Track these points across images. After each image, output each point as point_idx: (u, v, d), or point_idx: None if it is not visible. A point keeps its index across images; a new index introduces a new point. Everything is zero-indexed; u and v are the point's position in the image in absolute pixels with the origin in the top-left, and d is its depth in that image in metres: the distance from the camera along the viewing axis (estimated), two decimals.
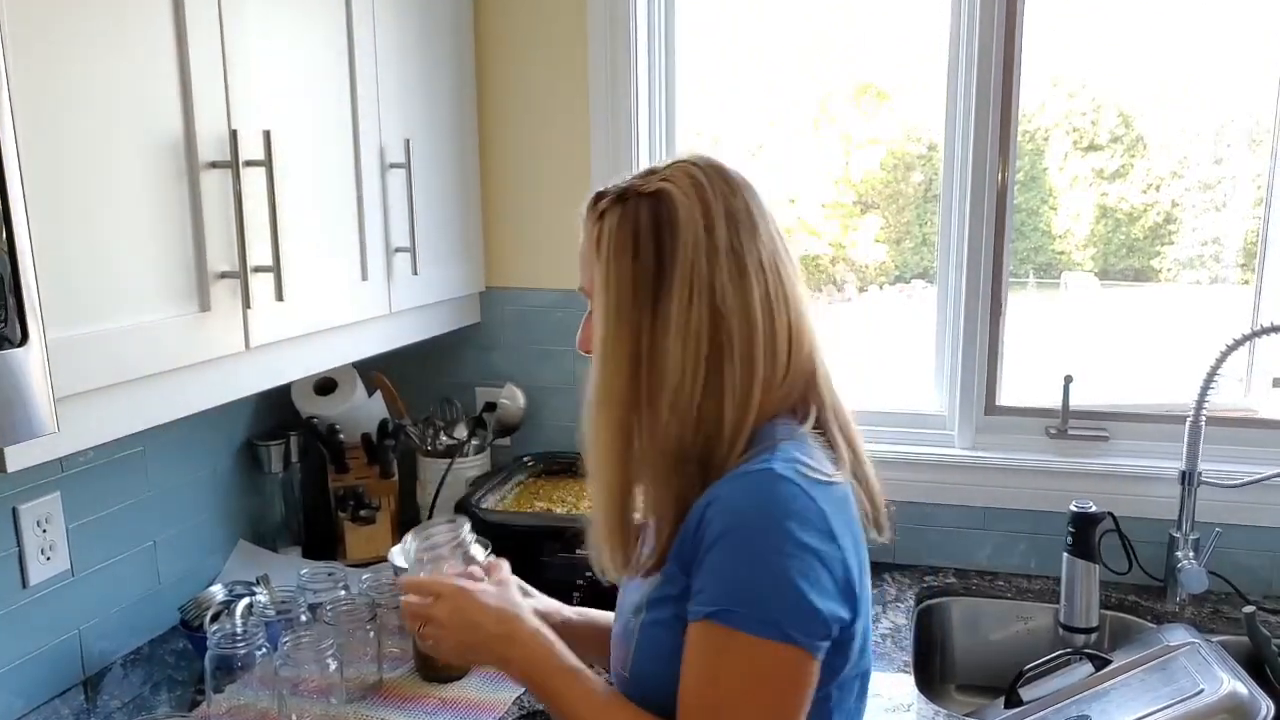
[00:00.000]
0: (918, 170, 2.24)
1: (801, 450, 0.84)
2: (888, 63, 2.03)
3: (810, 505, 0.80)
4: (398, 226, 1.58)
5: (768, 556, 0.79)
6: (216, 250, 1.18)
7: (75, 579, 1.40)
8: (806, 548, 0.78)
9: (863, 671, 0.91)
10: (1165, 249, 2.04)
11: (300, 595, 1.45)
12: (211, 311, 1.19)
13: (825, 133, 2.35)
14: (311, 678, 1.29)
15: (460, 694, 1.37)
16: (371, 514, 1.81)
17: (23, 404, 0.87)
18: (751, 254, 0.87)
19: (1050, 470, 1.74)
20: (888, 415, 1.89)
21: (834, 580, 0.80)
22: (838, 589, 0.80)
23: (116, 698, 1.38)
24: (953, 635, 1.76)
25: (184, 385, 1.18)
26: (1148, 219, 2.04)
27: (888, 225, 2.42)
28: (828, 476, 0.83)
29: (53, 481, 1.36)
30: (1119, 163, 2.11)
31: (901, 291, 2.54)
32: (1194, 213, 1.98)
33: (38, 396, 0.88)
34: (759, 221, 0.89)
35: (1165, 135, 1.99)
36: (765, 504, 0.80)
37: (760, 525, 0.80)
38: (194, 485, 1.65)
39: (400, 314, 1.63)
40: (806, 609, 0.78)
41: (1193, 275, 2.00)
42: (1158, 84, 1.99)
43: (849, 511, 0.84)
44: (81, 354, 0.99)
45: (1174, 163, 2.00)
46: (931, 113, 1.88)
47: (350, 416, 1.84)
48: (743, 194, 0.90)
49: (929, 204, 2.14)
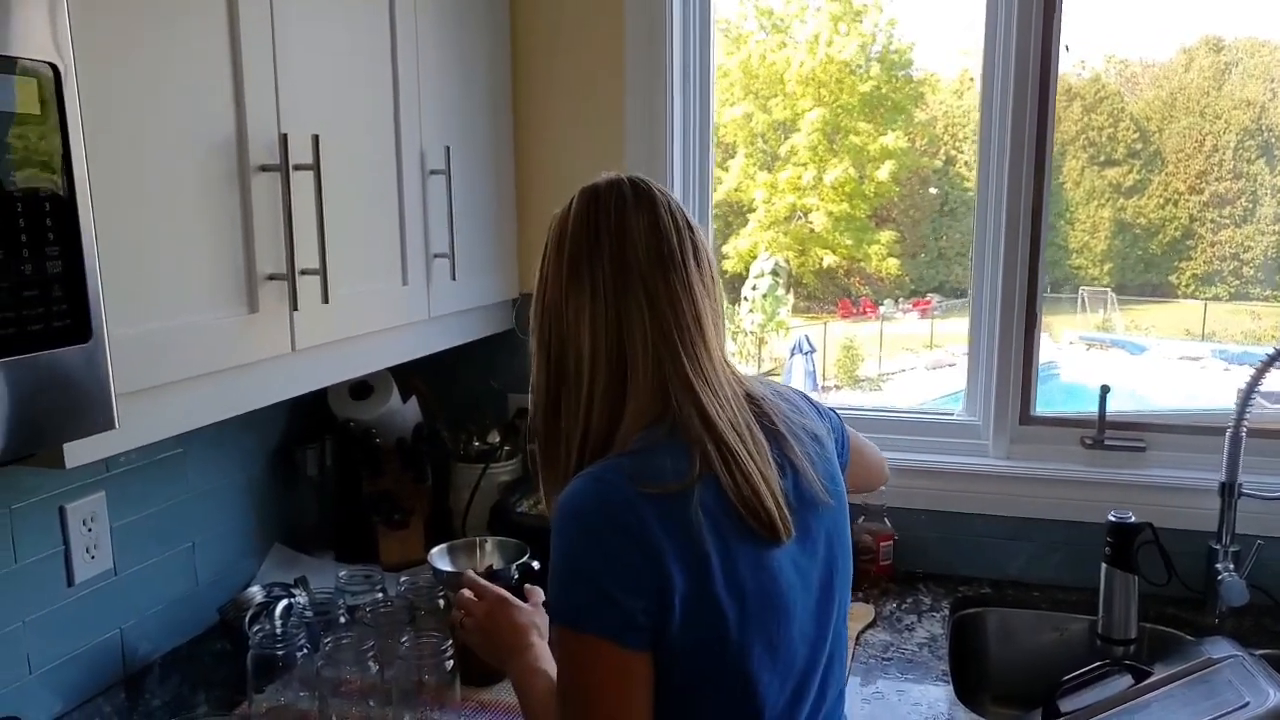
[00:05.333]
0: (933, 184, 2.25)
1: (638, 460, 0.89)
2: (916, 67, 2.04)
3: (618, 505, 0.85)
4: (437, 232, 1.60)
5: (571, 552, 0.87)
6: (265, 253, 1.20)
7: (117, 578, 1.41)
8: (605, 542, 0.85)
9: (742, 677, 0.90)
10: (1184, 264, 2.04)
11: (339, 597, 1.46)
12: (259, 313, 1.20)
13: (839, 144, 2.37)
14: (352, 679, 1.29)
15: (498, 698, 1.38)
16: (405, 519, 1.82)
17: (86, 400, 0.89)
18: (589, 274, 0.93)
19: (1086, 481, 1.73)
20: (920, 424, 1.88)
21: (638, 575, 0.84)
22: (644, 584, 0.84)
23: (157, 697, 1.39)
24: (988, 646, 1.75)
25: (233, 386, 1.19)
26: (1166, 234, 2.04)
27: (903, 240, 2.43)
28: (653, 486, 0.86)
29: (98, 481, 1.37)
30: (1136, 177, 2.10)
31: (916, 307, 2.56)
32: (1213, 228, 1.98)
33: (101, 393, 0.90)
34: (605, 245, 0.94)
35: (1183, 149, 2.00)
36: (576, 504, 0.88)
37: (568, 522, 0.87)
38: (231, 488, 1.67)
39: (438, 319, 1.64)
40: (603, 600, 0.84)
41: (1212, 290, 2.00)
42: (1174, 95, 2.00)
43: (677, 516, 0.86)
44: (136, 353, 1.01)
45: (1192, 177, 2.01)
46: (950, 124, 1.88)
47: (385, 421, 1.85)
48: (600, 217, 0.95)
49: (944, 218, 2.14)
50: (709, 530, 0.87)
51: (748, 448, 0.93)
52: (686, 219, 0.98)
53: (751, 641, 0.90)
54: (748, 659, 0.90)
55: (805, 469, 0.98)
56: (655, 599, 0.85)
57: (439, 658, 1.28)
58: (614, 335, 0.93)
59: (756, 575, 0.90)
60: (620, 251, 0.93)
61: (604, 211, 0.95)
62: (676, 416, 0.91)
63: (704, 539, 0.86)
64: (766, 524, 0.91)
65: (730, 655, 0.89)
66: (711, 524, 0.87)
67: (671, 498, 0.86)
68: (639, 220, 0.94)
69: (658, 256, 0.94)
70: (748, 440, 0.94)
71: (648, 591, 0.85)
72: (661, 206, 0.96)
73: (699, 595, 0.86)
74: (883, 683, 1.45)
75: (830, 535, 1.01)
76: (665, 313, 0.93)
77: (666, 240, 0.94)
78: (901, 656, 1.53)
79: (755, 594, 0.90)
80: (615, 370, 0.93)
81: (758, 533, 0.90)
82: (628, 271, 0.93)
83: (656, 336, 0.93)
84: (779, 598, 0.93)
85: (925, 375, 9.91)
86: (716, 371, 0.95)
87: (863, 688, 1.43)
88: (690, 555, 0.86)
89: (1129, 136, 10.03)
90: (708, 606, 0.87)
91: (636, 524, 0.85)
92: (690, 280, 0.95)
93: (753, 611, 0.89)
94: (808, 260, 11.78)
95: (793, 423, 1.02)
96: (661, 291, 0.93)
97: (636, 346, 0.93)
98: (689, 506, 0.86)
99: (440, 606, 1.44)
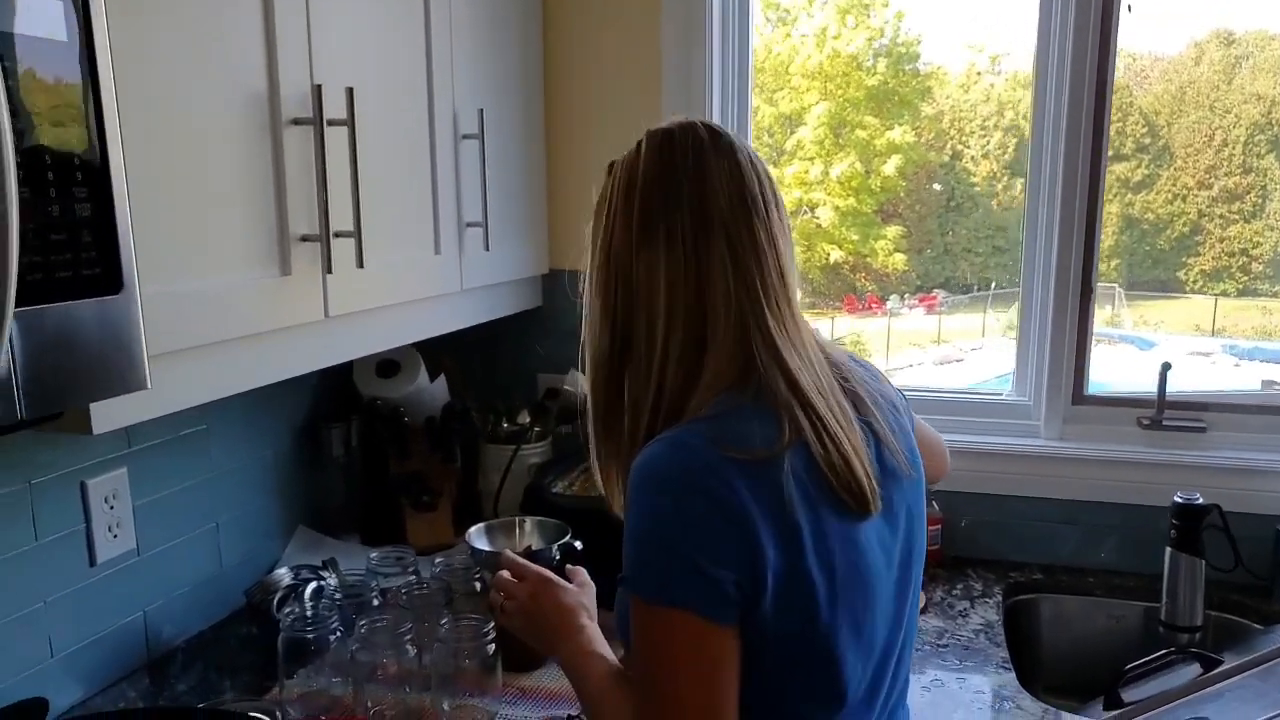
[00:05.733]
0: (938, 180, 2.22)
1: (720, 424, 0.82)
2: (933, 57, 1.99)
3: (708, 472, 0.78)
4: (469, 201, 1.53)
5: (653, 519, 0.79)
6: (298, 213, 1.14)
7: (140, 559, 1.35)
8: (694, 511, 0.78)
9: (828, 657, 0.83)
10: (1192, 260, 1.98)
11: (370, 579, 1.39)
12: (292, 276, 1.14)
13: (845, 139, 2.33)
14: (388, 664, 1.23)
15: (539, 684, 1.31)
16: (433, 501, 1.75)
17: (117, 357, 0.82)
18: (665, 225, 0.86)
19: (1144, 462, 1.66)
20: (968, 404, 1.82)
21: (730, 547, 0.77)
22: (735, 556, 0.77)
23: (182, 682, 1.32)
24: (1040, 633, 1.68)
25: (264, 352, 1.13)
26: (1174, 229, 1.98)
27: (909, 235, 2.37)
28: (742, 452, 0.79)
29: (120, 457, 1.31)
30: (1145, 172, 2.04)
31: (922, 303, 2.50)
32: (1221, 223, 1.93)
33: (132, 350, 0.83)
34: (685, 192, 0.86)
35: (1192, 143, 1.93)
36: (657, 468, 0.80)
37: (648, 487, 0.80)
38: (255, 467, 1.60)
39: (470, 292, 1.58)
40: (693, 572, 0.77)
41: (1220, 286, 1.95)
42: (1183, 89, 1.94)
43: (767, 484, 0.79)
44: (164, 313, 0.94)
45: (1201, 172, 1.94)
46: (957, 118, 1.84)
47: (412, 400, 1.78)
48: (678, 161, 0.87)
49: (950, 213, 2.11)
50: (800, 501, 0.80)
51: (835, 414, 0.86)
52: (765, 166, 0.91)
53: (840, 621, 0.83)
54: (835, 640, 0.83)
55: (887, 438, 0.92)
56: (746, 572, 0.78)
57: (480, 641, 1.21)
58: (693, 291, 0.85)
59: (845, 550, 0.84)
60: (701, 198, 0.86)
61: (681, 155, 0.87)
62: (761, 379, 0.84)
63: (796, 510, 0.79)
64: (857, 495, 0.84)
65: (818, 636, 0.82)
66: (802, 494, 0.80)
67: (760, 465, 0.79)
68: (719, 164, 0.87)
69: (740, 203, 0.86)
70: (834, 406, 0.87)
71: (738, 563, 0.77)
72: (740, 151, 0.89)
73: (790, 570, 0.79)
74: (940, 670, 1.39)
75: (910, 510, 0.95)
76: (749, 265, 0.85)
77: (749, 186, 0.87)
78: (958, 643, 1.46)
79: (844, 570, 0.83)
80: (693, 330, 0.85)
81: (847, 504, 0.84)
82: (709, 220, 0.85)
83: (740, 291, 0.85)
84: (866, 574, 0.86)
85: (933, 370, 9.84)
86: (800, 330, 0.88)
87: (920, 675, 1.36)
88: (782, 527, 0.79)
89: (1138, 131, 10.10)
90: (799, 583, 0.80)
91: (725, 490, 0.78)
92: (774, 230, 0.88)
93: (841, 589, 0.83)
94: (814, 255, 11.71)
95: (871, 389, 0.96)
96: (746, 241, 0.86)
97: (718, 302, 0.85)
98: (780, 475, 0.79)
99: (477, 589, 1.38)
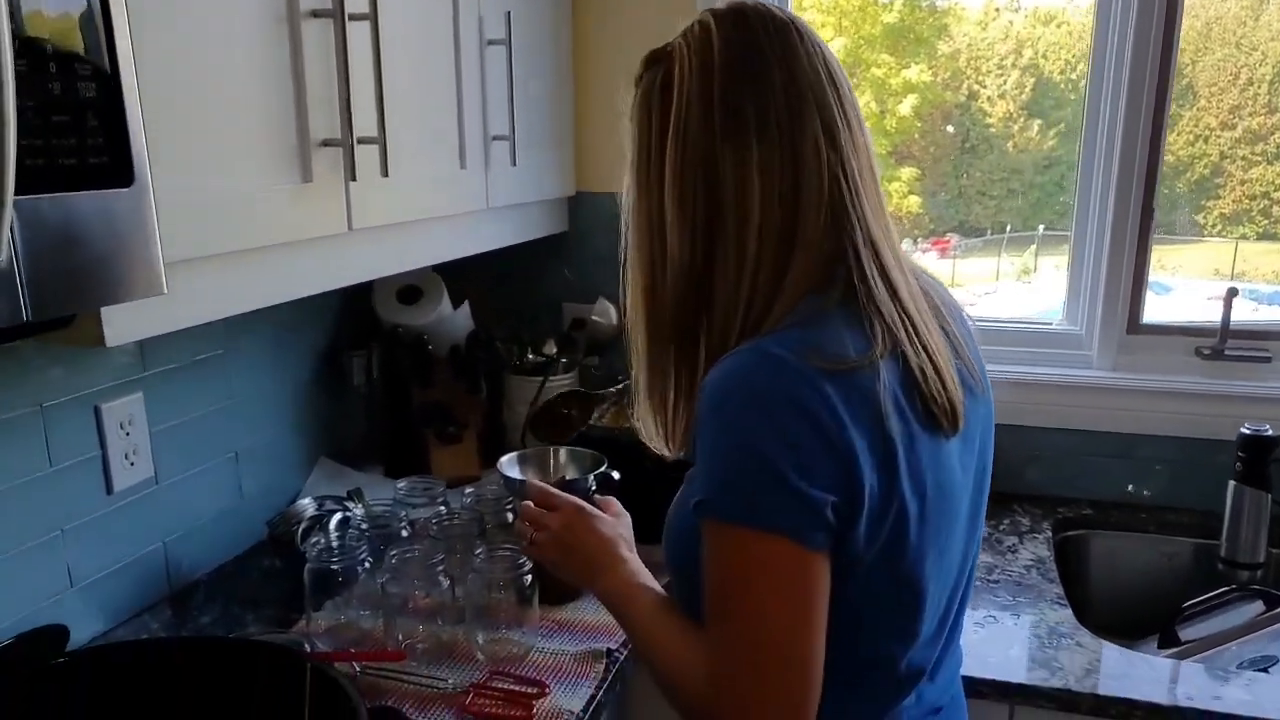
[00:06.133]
0: (952, 121, 2.14)
1: (811, 332, 0.74)
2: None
3: (798, 382, 0.70)
4: (496, 112, 1.44)
5: (741, 437, 0.71)
6: (319, 115, 1.05)
7: (159, 487, 1.29)
8: (787, 426, 0.69)
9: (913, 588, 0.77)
10: (1211, 203, 1.88)
11: (398, 510, 1.34)
12: (314, 183, 1.05)
13: (861, 77, 2.24)
14: (420, 596, 1.17)
15: (576, 616, 1.26)
16: (458, 432, 1.69)
17: (129, 258, 0.74)
18: (754, 110, 0.76)
19: (1205, 394, 1.58)
20: (1015, 333, 1.73)
21: (827, 466, 0.69)
22: (831, 476, 0.70)
23: (205, 614, 1.28)
24: (1089, 571, 1.62)
25: (286, 265, 1.05)
26: (1195, 171, 1.88)
27: (923, 177, 2.29)
28: (834, 362, 0.71)
29: (135, 381, 1.24)
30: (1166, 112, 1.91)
31: (935, 246, 2.42)
32: (1243, 165, 1.82)
33: (146, 251, 0.75)
34: (775, 71, 0.76)
35: (1217, 82, 1.80)
36: (744, 380, 0.72)
37: (737, 404, 0.71)
38: (275, 395, 1.54)
39: (497, 211, 1.49)
40: (786, 493, 0.69)
41: (1239, 230, 1.86)
42: (1209, 25, 1.81)
43: (862, 397, 0.71)
44: (180, 217, 0.86)
45: (1225, 112, 1.83)
46: (974, 57, 1.73)
47: (435, 329, 1.71)
48: (762, 40, 0.77)
49: (965, 155, 2.03)
50: (895, 416, 0.72)
51: (926, 321, 0.78)
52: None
53: (927, 548, 0.77)
54: (922, 568, 0.77)
55: (964, 351, 0.84)
56: (843, 493, 0.70)
57: (516, 573, 1.15)
58: (789, 181, 0.75)
59: (935, 470, 0.76)
60: (791, 77, 0.76)
61: (762, 31, 0.77)
62: (854, 279, 0.76)
63: (891, 426, 0.72)
64: (947, 410, 0.77)
65: (906, 564, 0.75)
66: (895, 408, 0.73)
67: (854, 376, 0.71)
68: (800, 41, 0.77)
69: (829, 80, 0.77)
70: (924, 311, 0.79)
71: (834, 484, 0.70)
72: (805, 34, 0.79)
73: (887, 492, 0.72)
74: (994, 607, 1.33)
75: (984, 429, 0.88)
76: (846, 149, 0.77)
77: (831, 63, 0.78)
78: (1009, 579, 1.41)
79: (934, 492, 0.76)
80: (785, 226, 0.76)
81: (938, 420, 0.76)
82: (801, 99, 0.76)
83: (834, 180, 0.76)
84: (952, 498, 0.79)
85: None
86: (890, 226, 0.80)
87: (972, 611, 1.31)
88: (878, 444, 0.71)
89: None
90: (893, 505, 0.73)
91: (819, 404, 0.69)
92: (859, 112, 0.79)
93: (930, 513, 0.76)
94: None
95: (945, 296, 0.88)
96: (838, 121, 0.76)
97: (810, 193, 0.76)
98: (875, 387, 0.71)
99: (510, 520, 1.32)
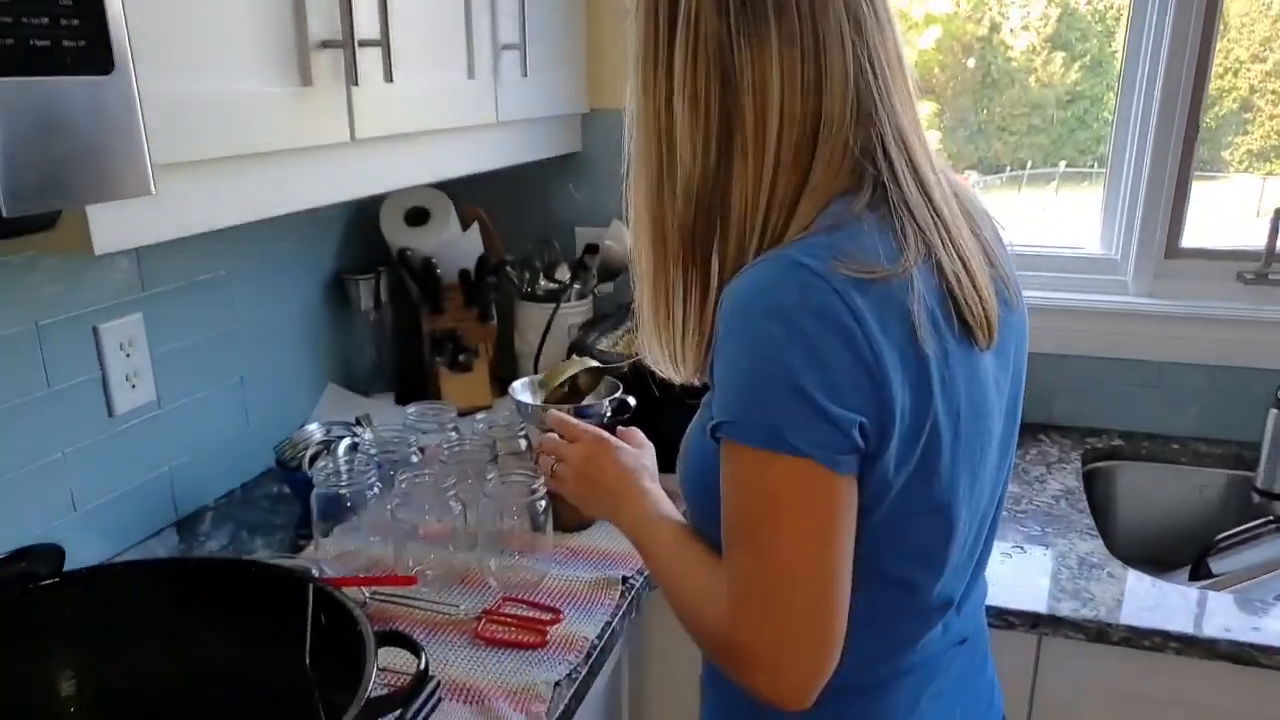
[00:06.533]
0: (974, 55, 2.04)
1: (839, 239, 0.67)
2: None
3: (827, 294, 0.64)
4: (505, 17, 1.36)
5: (765, 353, 0.65)
6: (318, 12, 0.98)
7: (162, 411, 1.26)
8: (814, 342, 0.64)
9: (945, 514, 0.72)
10: (1239, 139, 1.79)
11: (408, 436, 1.30)
12: (314, 87, 0.99)
13: None
14: (430, 522, 1.14)
15: (590, 543, 1.23)
16: (470, 360, 1.65)
17: (113, 153, 0.69)
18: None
19: (1247, 320, 1.52)
20: (1046, 258, 1.66)
21: (857, 385, 0.64)
22: (862, 395, 0.64)
23: (213, 540, 1.25)
24: (1116, 504, 1.58)
25: (285, 174, 0.99)
26: (1223, 106, 1.78)
27: (943, 112, 2.19)
28: (865, 271, 0.65)
29: (134, 301, 1.20)
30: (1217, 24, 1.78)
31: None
32: (1273, 99, 1.73)
33: (131, 146, 0.70)
34: None
35: (1249, 12, 1.70)
36: (768, 294, 0.66)
37: (758, 318, 0.66)
38: (281, 319, 1.49)
39: (507, 125, 1.42)
40: (813, 413, 0.64)
41: (1267, 167, 1.79)
42: None
43: (894, 309, 0.66)
44: (169, 116, 0.80)
45: (1256, 44, 1.73)
46: None
47: (443, 252, 1.65)
48: None
49: (986, 90, 1.93)
50: (929, 328, 0.67)
51: (961, 226, 0.72)
52: None
53: (960, 470, 0.72)
54: (954, 491, 0.72)
55: (998, 261, 0.78)
56: (873, 413, 0.65)
57: (530, 499, 1.12)
58: (811, 75, 0.68)
59: (969, 388, 0.71)
60: None
61: None
62: (884, 178, 0.69)
63: (925, 340, 0.66)
64: (983, 321, 0.71)
65: (938, 486, 0.70)
66: (930, 320, 0.67)
67: (886, 285, 0.66)
68: None
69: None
70: (958, 215, 0.73)
71: (864, 404, 0.64)
72: None
73: (919, 412, 0.67)
74: (1022, 537, 1.29)
75: (1019, 343, 0.82)
76: (874, 38, 0.69)
77: None
78: (1037, 509, 1.37)
79: (968, 411, 0.71)
80: (809, 124, 0.69)
81: (973, 333, 0.71)
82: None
83: (859, 69, 0.69)
84: (986, 417, 0.74)
85: None
86: (919, 122, 0.73)
87: (1000, 541, 1.26)
88: (911, 361, 0.66)
89: None
90: (926, 426, 0.68)
91: (849, 316, 0.64)
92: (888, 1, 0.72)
93: (965, 433, 0.71)
94: None
95: (977, 204, 0.82)
96: (865, 8, 0.69)
97: (835, 87, 0.69)
98: (907, 297, 0.66)
99: (522, 446, 1.28)
